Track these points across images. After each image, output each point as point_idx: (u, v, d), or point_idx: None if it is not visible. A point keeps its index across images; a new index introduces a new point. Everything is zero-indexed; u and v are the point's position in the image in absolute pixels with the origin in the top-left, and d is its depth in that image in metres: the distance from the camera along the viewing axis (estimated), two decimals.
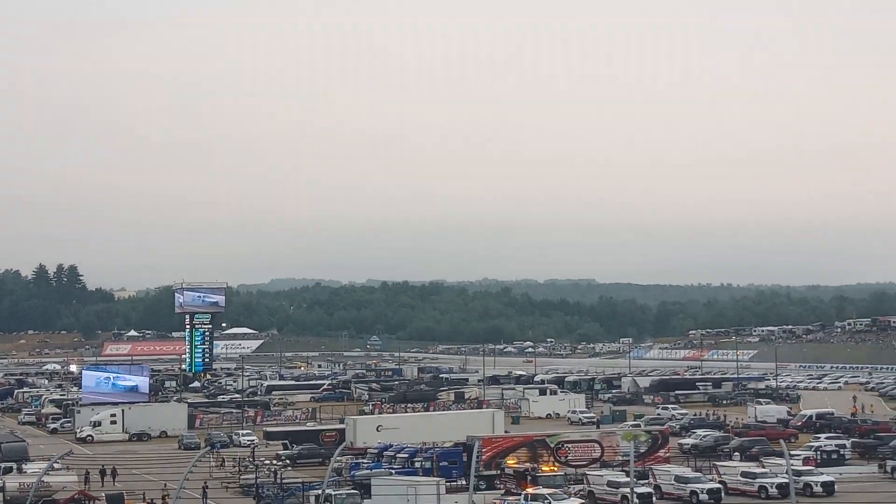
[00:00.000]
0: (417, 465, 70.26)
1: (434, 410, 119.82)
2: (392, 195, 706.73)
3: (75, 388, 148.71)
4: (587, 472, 66.84)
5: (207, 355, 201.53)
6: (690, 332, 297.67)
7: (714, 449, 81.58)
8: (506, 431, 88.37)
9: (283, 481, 68.23)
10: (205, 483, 66.96)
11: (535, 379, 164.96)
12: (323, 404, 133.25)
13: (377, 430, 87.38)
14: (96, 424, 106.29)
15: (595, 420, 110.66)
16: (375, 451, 76.42)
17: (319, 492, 57.37)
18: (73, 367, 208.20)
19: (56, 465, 67.02)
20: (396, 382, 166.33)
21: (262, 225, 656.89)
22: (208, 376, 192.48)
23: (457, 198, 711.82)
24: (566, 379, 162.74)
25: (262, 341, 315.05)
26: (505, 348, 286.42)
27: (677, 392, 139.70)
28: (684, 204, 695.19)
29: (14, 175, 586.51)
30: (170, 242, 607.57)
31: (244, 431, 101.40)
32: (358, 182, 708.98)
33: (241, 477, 72.39)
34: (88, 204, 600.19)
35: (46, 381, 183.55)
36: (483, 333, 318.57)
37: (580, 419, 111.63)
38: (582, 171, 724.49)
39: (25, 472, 69.83)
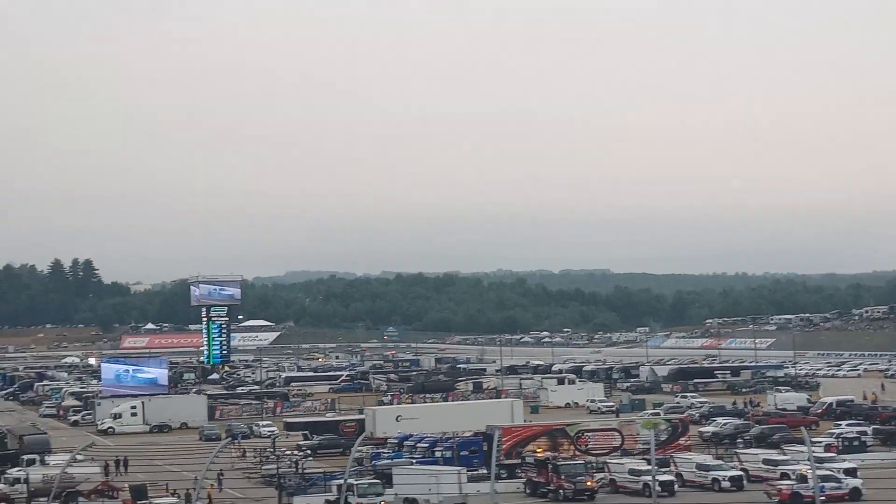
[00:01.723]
0: (438, 454, 70.43)
1: (452, 400, 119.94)
2: (406, 186, 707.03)
3: (95, 381, 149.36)
4: (608, 461, 66.85)
5: (225, 347, 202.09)
6: (707, 320, 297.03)
7: (734, 437, 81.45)
8: (525, 421, 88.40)
9: (305, 471, 68.43)
10: (220, 471, 67.16)
11: (553, 368, 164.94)
12: (342, 395, 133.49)
13: (396, 420, 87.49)
14: (117, 416, 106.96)
15: (614, 409, 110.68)
16: (395, 440, 76.65)
17: (341, 481, 57.44)
18: (92, 361, 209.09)
19: (79, 457, 67.25)
20: (414, 373, 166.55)
21: (278, 218, 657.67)
22: (226, 368, 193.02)
23: (471, 188, 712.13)
24: (584, 368, 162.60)
25: (278, 333, 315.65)
26: (522, 338, 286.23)
27: (696, 380, 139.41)
28: (699, 193, 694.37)
29: (26, 169, 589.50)
30: (185, 235, 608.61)
31: (264, 422, 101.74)
32: (373, 174, 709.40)
33: (263, 467, 72.70)
34: (102, 196, 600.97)
35: (66, 375, 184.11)
36: (499, 324, 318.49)
37: (599, 408, 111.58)
38: (597, 161, 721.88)
39: (48, 464, 70.12)
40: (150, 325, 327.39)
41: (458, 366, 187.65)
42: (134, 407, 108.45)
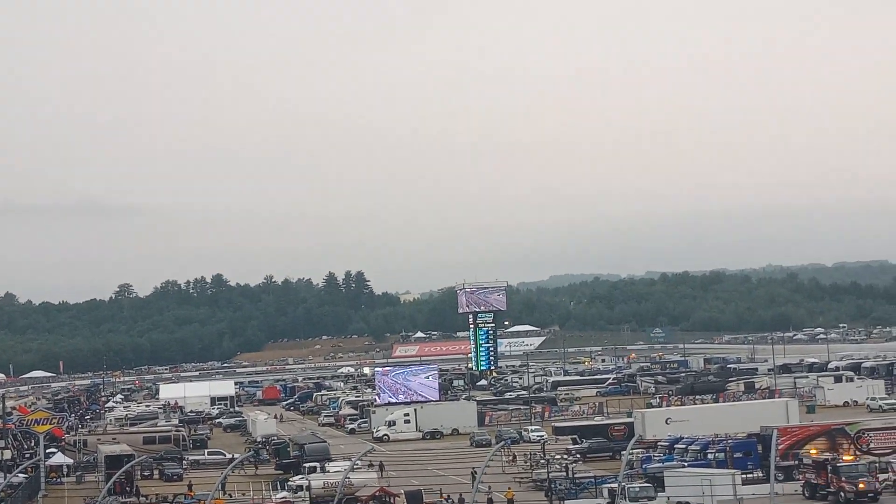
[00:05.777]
0: (710, 457, 69.14)
1: (723, 401, 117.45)
2: (668, 186, 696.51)
3: (369, 390, 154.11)
4: (892, 461, 63.82)
5: (492, 353, 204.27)
6: None
7: None
8: (801, 421, 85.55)
9: (575, 475, 68.43)
10: (473, 469, 67.87)
11: (829, 366, 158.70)
12: (609, 398, 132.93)
13: (666, 423, 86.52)
14: (391, 424, 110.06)
15: None
16: (666, 443, 75.68)
17: (613, 485, 57.18)
18: (366, 370, 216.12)
19: (358, 464, 69.57)
20: (683, 374, 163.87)
21: (539, 223, 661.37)
22: (494, 374, 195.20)
23: (735, 185, 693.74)
24: (863, 365, 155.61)
25: (544, 338, 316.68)
26: (794, 335, 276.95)
27: None
28: None
29: (303, 191, 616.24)
30: (449, 245, 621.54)
31: (533, 427, 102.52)
32: (634, 175, 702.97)
33: (533, 472, 73.20)
34: (370, 211, 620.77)
35: (342, 384, 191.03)
36: (770, 321, 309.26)
37: (880, 406, 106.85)
38: (864, 145, 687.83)
39: (328, 472, 72.88)
40: (419, 334, 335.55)
41: (729, 366, 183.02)
42: (407, 414, 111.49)
